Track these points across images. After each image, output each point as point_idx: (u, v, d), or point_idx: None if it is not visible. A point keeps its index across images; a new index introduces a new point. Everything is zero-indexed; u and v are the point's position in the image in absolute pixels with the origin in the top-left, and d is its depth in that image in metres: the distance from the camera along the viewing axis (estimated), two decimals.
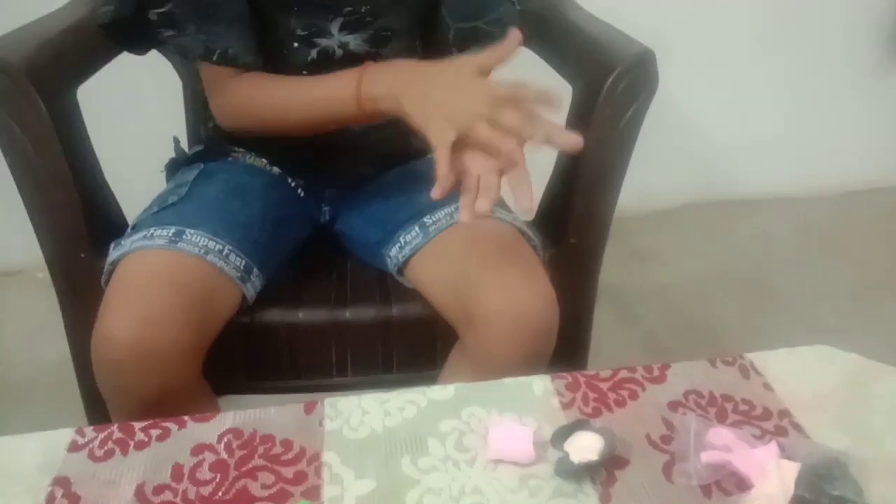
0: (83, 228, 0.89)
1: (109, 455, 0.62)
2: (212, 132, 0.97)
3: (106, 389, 0.78)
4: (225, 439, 0.63)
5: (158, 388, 0.76)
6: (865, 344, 0.76)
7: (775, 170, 2.08)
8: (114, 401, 0.79)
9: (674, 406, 0.67)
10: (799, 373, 0.72)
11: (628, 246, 1.87)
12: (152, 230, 0.81)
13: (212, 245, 0.82)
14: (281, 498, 0.58)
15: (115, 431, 0.64)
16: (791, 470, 0.58)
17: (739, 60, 1.95)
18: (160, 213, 0.84)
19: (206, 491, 0.58)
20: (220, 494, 0.58)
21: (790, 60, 1.98)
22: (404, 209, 0.92)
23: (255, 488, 0.59)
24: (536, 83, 0.71)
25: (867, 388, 0.70)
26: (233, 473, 0.60)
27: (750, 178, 2.07)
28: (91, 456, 0.62)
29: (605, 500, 0.58)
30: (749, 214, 2.03)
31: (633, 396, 0.68)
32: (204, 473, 0.60)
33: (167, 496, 0.58)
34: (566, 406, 0.67)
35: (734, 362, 0.73)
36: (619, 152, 0.94)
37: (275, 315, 0.87)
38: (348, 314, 0.88)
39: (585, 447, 0.60)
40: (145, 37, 0.93)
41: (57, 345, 0.99)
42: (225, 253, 0.83)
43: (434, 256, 0.87)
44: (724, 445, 0.61)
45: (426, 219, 0.89)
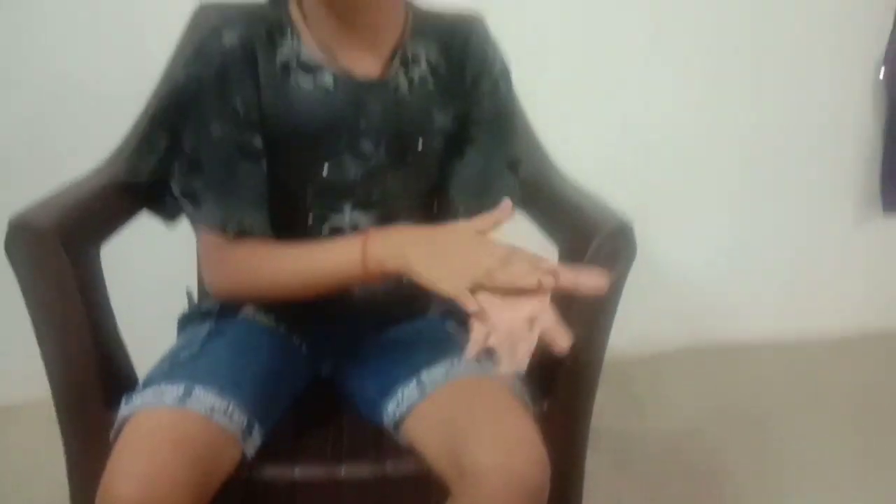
0: (96, 381, 0.93)
1: None
2: None
3: None
4: None
5: None
6: (865, 492, 0.76)
7: (770, 315, 2.13)
8: None
9: None
10: None
11: (626, 391, 1.90)
12: (163, 387, 0.85)
13: (218, 404, 0.85)
14: None
15: None
16: None
17: (732, 207, 2.05)
18: (171, 370, 0.89)
19: None
20: None
21: (781, 206, 2.07)
22: (402, 365, 0.96)
23: None
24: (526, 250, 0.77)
25: None
26: None
27: (745, 323, 2.12)
28: None
29: None
30: (746, 359, 2.06)
31: None
32: None
33: None
34: None
35: None
36: (603, 312, 1.00)
37: (273, 472, 0.90)
38: (343, 471, 0.90)
39: None
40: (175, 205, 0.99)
41: (55, 489, 0.99)
42: (230, 411, 0.86)
43: (429, 412, 0.90)
44: None
45: (423, 375, 0.93)
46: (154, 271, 1.27)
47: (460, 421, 0.86)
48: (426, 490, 0.90)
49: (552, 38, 1.73)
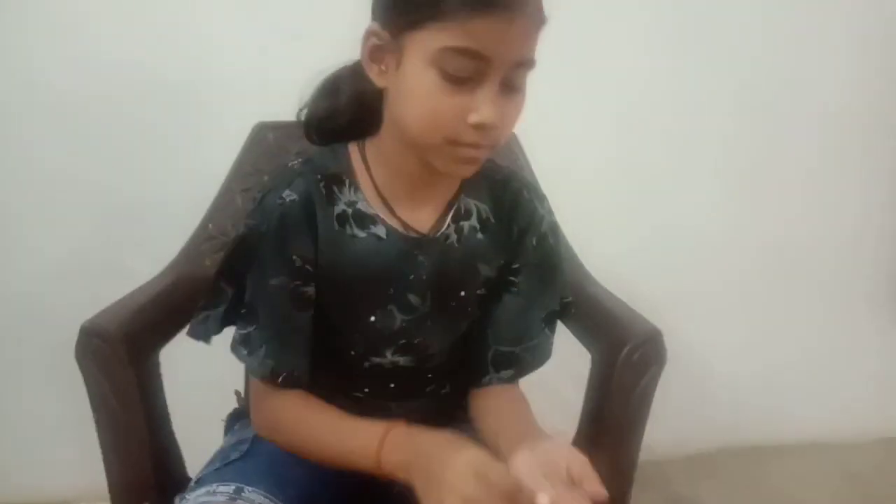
0: (151, 480, 0.98)
1: None
2: None
3: None
4: None
5: None
6: None
7: (807, 415, 2.10)
8: None
9: None
10: None
11: (666, 492, 1.87)
12: (215, 486, 0.90)
13: (266, 503, 0.90)
14: None
15: None
16: None
17: (761, 306, 2.06)
18: (222, 470, 0.94)
19: None
20: None
21: (815, 304, 2.07)
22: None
23: None
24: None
25: None
26: None
27: (783, 424, 2.09)
28: None
29: None
30: (784, 460, 2.02)
31: None
32: None
33: None
34: None
35: None
36: (637, 415, 1.03)
37: None
38: None
39: None
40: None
41: None
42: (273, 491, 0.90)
43: None
44: None
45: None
46: (203, 372, 1.33)
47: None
48: None
49: (581, 152, 1.80)
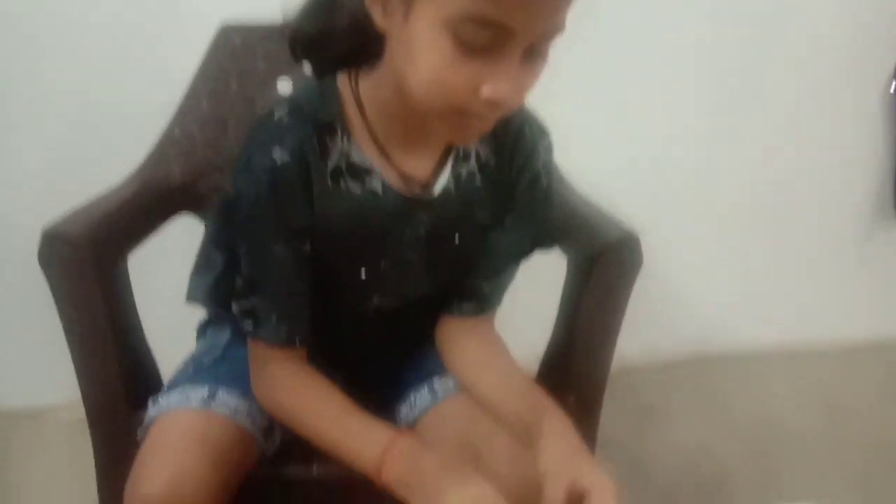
0: (123, 385, 0.98)
1: None
2: None
3: None
4: None
5: None
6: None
7: (780, 325, 2.14)
8: None
9: None
10: None
11: (635, 402, 1.91)
12: (188, 390, 0.89)
13: (241, 405, 0.90)
14: None
15: None
16: None
17: (741, 218, 2.06)
18: (196, 374, 0.93)
19: None
20: None
21: (791, 217, 2.08)
22: (415, 371, 1.00)
23: None
24: None
25: None
26: None
27: (753, 334, 2.13)
28: None
29: None
30: (753, 370, 2.07)
31: None
32: None
33: None
34: None
35: None
36: (612, 318, 1.03)
37: (292, 470, 0.94)
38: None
39: None
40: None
41: (86, 490, 1.03)
42: (252, 412, 0.90)
43: (442, 419, 0.94)
44: None
45: (435, 383, 0.97)
46: (176, 279, 1.31)
47: (473, 432, 0.89)
48: None
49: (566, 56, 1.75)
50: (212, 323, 1.08)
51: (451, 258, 0.92)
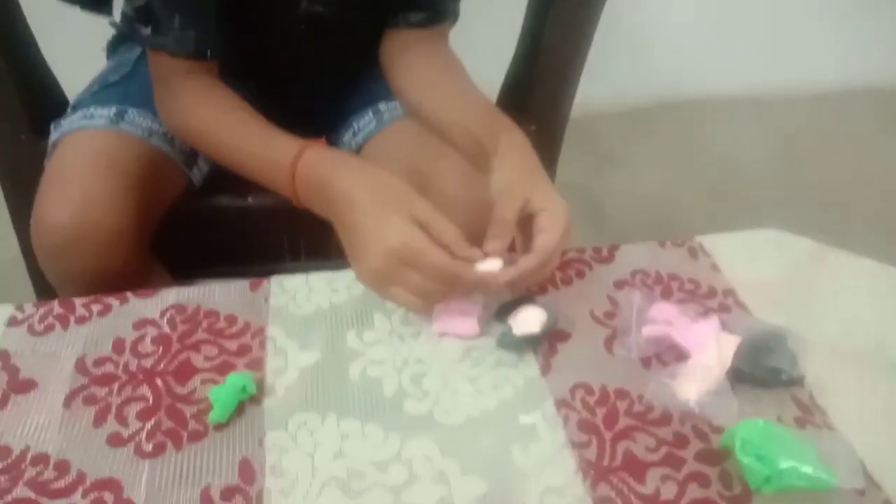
0: (19, 106, 0.85)
1: (49, 329, 0.61)
2: None
3: (51, 275, 0.77)
4: (168, 314, 0.63)
5: (102, 272, 0.74)
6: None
7: (745, 73, 2.05)
8: (61, 288, 0.78)
9: (620, 285, 0.67)
10: (747, 255, 0.72)
11: (597, 148, 1.86)
12: (92, 109, 0.78)
13: (156, 127, 0.79)
14: (224, 369, 0.58)
15: (56, 307, 0.63)
16: (730, 343, 0.59)
17: None
18: (101, 92, 0.81)
19: (148, 363, 0.58)
20: (163, 366, 0.58)
21: None
22: (359, 96, 0.89)
23: (198, 360, 0.59)
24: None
25: (813, 271, 0.71)
26: (175, 346, 0.60)
27: (720, 81, 2.04)
28: (31, 330, 0.61)
29: (545, 371, 0.58)
30: (718, 117, 2.01)
31: (580, 275, 0.68)
32: (146, 346, 0.60)
33: (108, 368, 0.58)
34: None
35: (683, 244, 0.73)
36: (580, 38, 0.93)
37: (223, 200, 0.86)
38: None
39: (528, 321, 0.60)
40: None
41: (6, 242, 0.96)
42: (170, 136, 0.80)
43: (388, 143, 0.85)
44: (666, 320, 0.61)
45: (381, 106, 0.87)
46: None
47: (421, 156, 0.80)
48: None
49: None
50: (123, 40, 0.93)
51: None
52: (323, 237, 0.89)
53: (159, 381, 0.57)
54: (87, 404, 0.55)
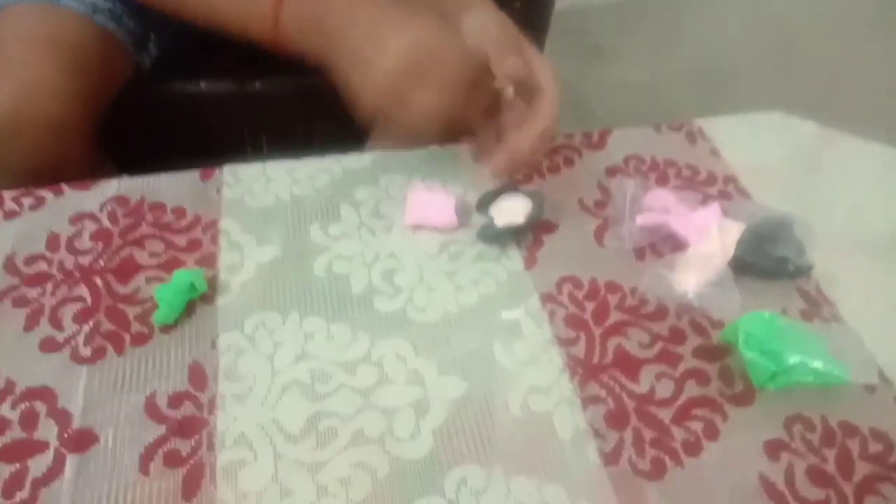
0: None
1: None
2: None
3: None
4: (108, 207, 0.56)
5: (43, 163, 0.66)
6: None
7: None
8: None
9: (612, 171, 0.61)
10: (750, 138, 0.66)
11: (586, 41, 1.76)
12: None
13: (101, 3, 0.70)
14: (171, 267, 0.52)
15: None
16: (733, 230, 0.54)
17: None
18: None
19: (86, 260, 0.52)
20: (102, 263, 0.52)
21: None
22: None
23: (142, 257, 0.52)
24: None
25: (821, 156, 0.65)
26: (117, 242, 0.53)
27: None
28: None
29: (530, 265, 0.53)
30: (708, 5, 1.90)
31: (569, 163, 0.62)
32: (83, 243, 0.53)
33: (41, 266, 0.51)
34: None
35: (681, 128, 0.67)
36: None
37: (174, 87, 0.77)
38: (258, 85, 0.78)
39: (511, 211, 0.55)
40: None
41: None
42: (117, 14, 0.71)
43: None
44: (663, 207, 0.56)
45: None
46: None
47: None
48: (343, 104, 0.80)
49: None
50: None
51: None
52: (286, 126, 0.82)
53: (98, 280, 0.51)
54: (18, 306, 0.49)
